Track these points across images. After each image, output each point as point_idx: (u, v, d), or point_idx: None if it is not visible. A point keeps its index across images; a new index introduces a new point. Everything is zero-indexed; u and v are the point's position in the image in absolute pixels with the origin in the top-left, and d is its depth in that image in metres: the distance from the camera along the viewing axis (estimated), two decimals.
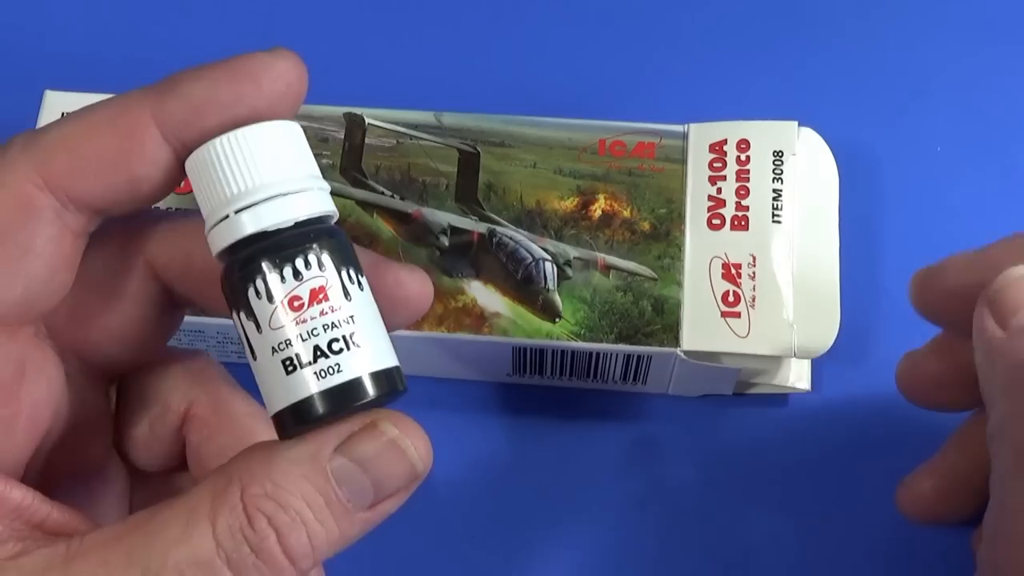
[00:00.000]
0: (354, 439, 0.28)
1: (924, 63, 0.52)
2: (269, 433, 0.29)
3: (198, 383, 0.33)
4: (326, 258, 0.28)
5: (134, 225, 0.32)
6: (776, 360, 0.44)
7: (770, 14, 0.53)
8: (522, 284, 0.43)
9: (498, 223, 0.44)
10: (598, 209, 0.44)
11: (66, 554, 0.27)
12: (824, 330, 0.43)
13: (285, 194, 0.28)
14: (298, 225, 0.28)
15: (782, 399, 0.45)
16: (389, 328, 0.29)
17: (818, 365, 0.45)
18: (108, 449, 0.34)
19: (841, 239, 0.44)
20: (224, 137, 0.28)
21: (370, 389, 0.28)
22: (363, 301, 0.28)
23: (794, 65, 0.52)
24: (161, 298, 0.32)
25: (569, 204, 0.44)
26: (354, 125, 0.46)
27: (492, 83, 0.51)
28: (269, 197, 0.28)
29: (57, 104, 0.46)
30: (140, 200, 0.29)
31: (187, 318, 0.37)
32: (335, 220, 0.29)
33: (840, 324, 0.43)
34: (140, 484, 0.34)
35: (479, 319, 0.43)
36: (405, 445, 0.28)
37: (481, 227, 0.44)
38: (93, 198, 0.29)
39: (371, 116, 0.46)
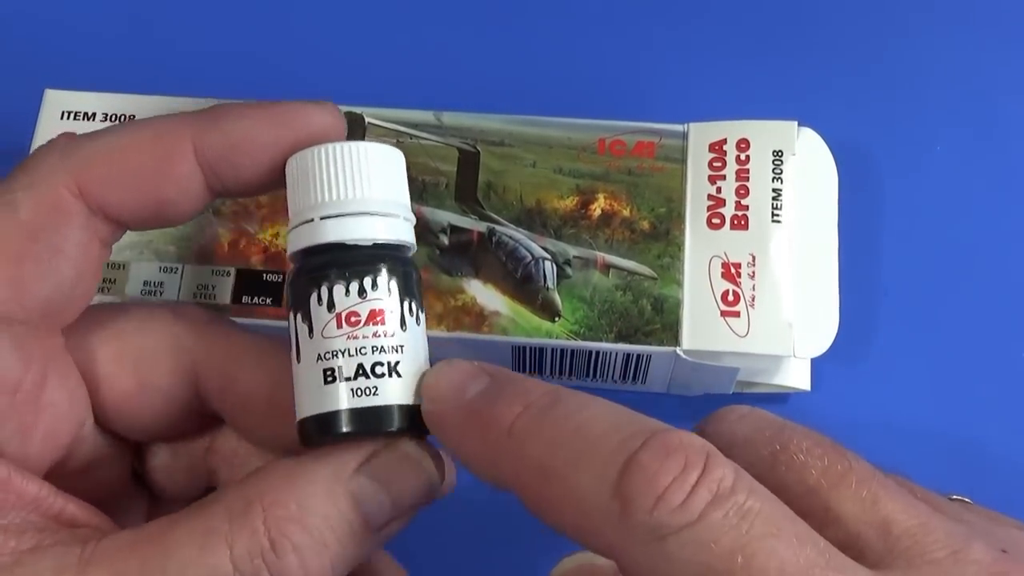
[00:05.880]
0: (376, 457, 0.28)
1: (924, 63, 0.52)
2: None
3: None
4: (393, 285, 0.29)
5: (175, 330, 0.32)
6: (776, 360, 0.44)
7: (770, 14, 0.53)
8: (521, 283, 0.43)
9: (498, 222, 0.44)
10: (598, 208, 0.44)
11: (80, 557, 0.27)
12: (824, 330, 0.43)
13: (372, 213, 0.29)
14: (376, 246, 0.29)
15: (782, 399, 0.45)
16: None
17: (818, 365, 0.45)
18: (127, 481, 0.34)
19: (840, 239, 0.44)
20: (333, 145, 0.29)
21: (397, 420, 0.28)
22: (416, 335, 0.29)
23: (794, 65, 0.52)
24: (196, 405, 0.32)
25: (569, 203, 0.44)
26: (354, 125, 0.46)
27: (492, 83, 0.51)
28: (357, 212, 0.29)
29: (57, 103, 0.46)
30: (163, 221, 0.30)
31: None
32: (412, 253, 0.30)
33: (839, 324, 0.43)
34: (159, 511, 0.34)
35: (478, 318, 0.43)
36: (424, 463, 0.29)
37: (481, 226, 0.44)
38: (121, 211, 0.30)
39: (371, 116, 0.46)
